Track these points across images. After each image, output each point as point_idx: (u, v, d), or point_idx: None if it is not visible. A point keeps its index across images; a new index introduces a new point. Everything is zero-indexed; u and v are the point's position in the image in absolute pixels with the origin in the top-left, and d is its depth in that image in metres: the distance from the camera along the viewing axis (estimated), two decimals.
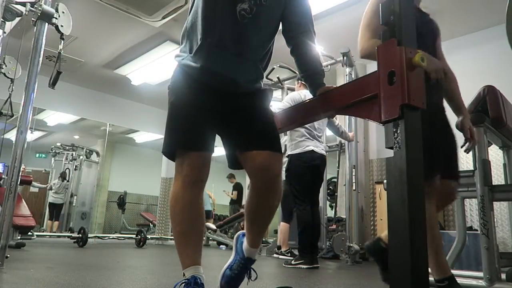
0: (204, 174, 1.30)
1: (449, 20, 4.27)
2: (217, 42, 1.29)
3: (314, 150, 3.31)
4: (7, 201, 2.18)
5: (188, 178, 1.26)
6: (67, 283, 1.73)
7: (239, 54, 1.32)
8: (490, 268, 1.69)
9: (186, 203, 1.25)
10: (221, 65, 1.32)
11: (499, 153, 2.51)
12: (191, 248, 1.24)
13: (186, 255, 1.23)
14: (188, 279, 1.18)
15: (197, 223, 1.28)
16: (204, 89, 1.33)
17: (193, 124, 1.30)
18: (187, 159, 1.26)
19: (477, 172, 1.81)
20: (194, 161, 1.27)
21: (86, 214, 7.41)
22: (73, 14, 2.61)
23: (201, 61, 1.30)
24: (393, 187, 0.89)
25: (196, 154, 1.27)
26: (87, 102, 6.90)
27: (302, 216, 3.23)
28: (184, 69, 1.36)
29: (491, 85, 1.98)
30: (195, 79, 1.33)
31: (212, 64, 1.31)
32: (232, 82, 1.35)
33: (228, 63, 1.32)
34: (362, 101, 1.05)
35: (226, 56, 1.31)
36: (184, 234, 1.25)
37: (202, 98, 1.32)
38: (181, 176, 1.26)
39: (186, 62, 1.34)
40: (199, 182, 1.28)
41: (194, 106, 1.31)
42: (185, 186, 1.25)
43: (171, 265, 3.03)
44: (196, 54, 1.31)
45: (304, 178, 3.29)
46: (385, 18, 0.96)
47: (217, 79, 1.33)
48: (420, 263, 0.83)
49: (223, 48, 1.30)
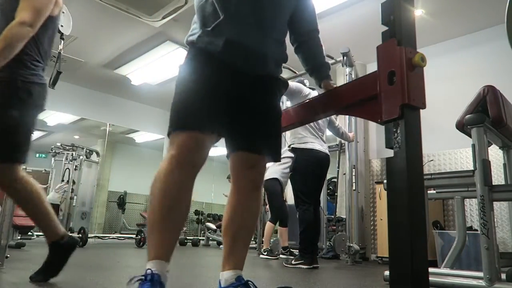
0: (196, 157, 1.13)
1: (449, 20, 4.27)
2: (239, 16, 1.20)
3: (319, 150, 3.30)
4: (7, 201, 2.17)
5: (177, 159, 1.10)
6: (67, 283, 1.73)
7: (263, 30, 1.25)
8: (490, 268, 1.69)
9: (169, 185, 1.08)
10: (247, 38, 1.22)
11: (499, 153, 2.51)
12: (162, 239, 1.07)
13: (153, 245, 1.06)
14: (144, 275, 1.01)
15: (176, 213, 1.10)
16: (223, 68, 1.22)
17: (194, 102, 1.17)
18: (177, 139, 1.12)
19: (477, 172, 1.81)
20: (184, 141, 1.12)
21: (86, 214, 7.40)
22: (73, 14, 2.60)
23: (223, 34, 1.20)
24: (393, 187, 0.89)
25: (188, 133, 1.12)
26: (87, 102, 6.90)
27: (305, 216, 3.23)
28: (201, 47, 1.23)
29: (491, 85, 1.98)
30: (214, 57, 1.21)
31: (238, 37, 1.21)
32: (261, 57, 1.26)
33: (255, 36, 1.23)
34: (362, 101, 1.05)
35: (251, 30, 1.23)
36: (158, 222, 1.07)
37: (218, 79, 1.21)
38: (169, 157, 1.11)
39: (204, 39, 1.22)
40: (188, 165, 1.11)
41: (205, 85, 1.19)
42: (171, 167, 1.09)
43: (171, 265, 3.03)
44: (216, 28, 1.20)
45: (309, 179, 3.28)
46: (385, 18, 0.96)
47: (243, 54, 1.23)
48: (420, 262, 0.83)
49: (246, 23, 1.21)
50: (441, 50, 4.56)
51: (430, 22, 4.22)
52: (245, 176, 1.30)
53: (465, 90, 2.96)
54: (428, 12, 4.12)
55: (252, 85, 1.28)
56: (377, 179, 4.73)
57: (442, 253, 3.25)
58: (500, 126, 1.94)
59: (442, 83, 4.33)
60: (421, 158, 0.93)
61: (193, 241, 6.58)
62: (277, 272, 2.83)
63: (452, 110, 2.36)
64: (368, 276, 2.81)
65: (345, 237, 3.86)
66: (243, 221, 1.29)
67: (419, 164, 0.89)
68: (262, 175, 1.34)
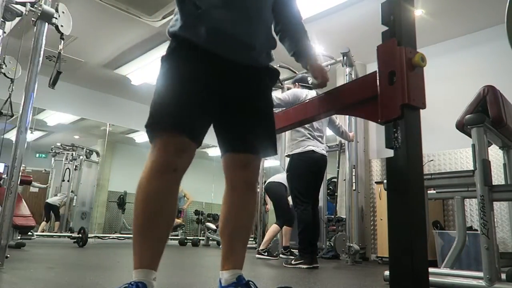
0: (178, 162, 1.07)
1: (449, 20, 4.27)
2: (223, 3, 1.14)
3: (314, 150, 3.30)
4: (7, 201, 2.18)
5: (156, 164, 1.06)
6: (67, 283, 1.73)
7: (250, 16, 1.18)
8: (490, 268, 1.69)
9: (150, 193, 1.05)
10: (232, 25, 1.15)
11: (499, 153, 2.51)
12: (147, 247, 1.04)
13: (138, 254, 1.04)
14: (130, 284, 0.99)
15: (161, 220, 1.07)
16: (208, 60, 1.14)
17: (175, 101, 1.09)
18: (158, 142, 1.07)
19: (477, 172, 1.81)
20: (166, 145, 1.07)
21: (86, 214, 7.40)
22: (73, 14, 2.61)
23: (207, 23, 1.12)
24: (393, 187, 0.89)
25: (170, 135, 1.07)
26: (87, 102, 6.90)
27: (303, 216, 3.23)
28: (184, 38, 1.15)
29: (491, 85, 1.98)
30: (197, 48, 1.13)
31: (222, 24, 1.13)
32: (246, 46, 1.18)
33: (240, 23, 1.16)
34: (362, 101, 1.05)
35: (236, 15, 1.15)
36: (142, 230, 1.05)
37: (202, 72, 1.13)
38: (149, 161, 1.07)
39: (186, 29, 1.15)
40: (170, 171, 1.06)
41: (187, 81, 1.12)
42: (152, 174, 1.06)
43: (171, 265, 3.03)
44: (199, 17, 1.13)
45: (306, 178, 3.28)
46: (385, 18, 0.96)
47: (227, 43, 1.15)
48: (420, 262, 0.83)
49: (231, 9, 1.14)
50: (441, 50, 4.56)
51: (430, 22, 4.22)
52: (239, 176, 1.27)
53: (465, 90, 2.95)
54: (428, 12, 4.12)
55: (241, 77, 1.21)
56: (377, 179, 4.73)
57: (442, 253, 3.25)
58: (500, 126, 1.94)
59: (442, 83, 4.33)
60: (421, 158, 0.93)
61: (193, 241, 6.57)
62: (277, 272, 2.83)
63: (452, 110, 2.35)
64: (368, 276, 2.81)
65: (345, 237, 3.86)
66: (239, 221, 1.28)
67: (419, 164, 0.89)
68: (256, 174, 1.32)
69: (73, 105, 6.74)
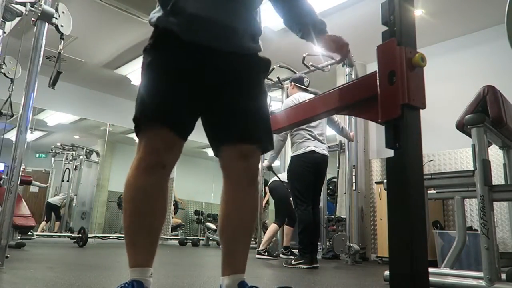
0: (165, 158, 1.06)
1: (449, 20, 4.27)
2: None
3: (315, 151, 3.31)
4: (7, 201, 2.18)
5: (143, 161, 1.05)
6: (67, 283, 1.73)
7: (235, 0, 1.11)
8: (490, 268, 1.69)
9: (138, 191, 1.04)
10: (213, 9, 1.08)
11: (499, 153, 2.51)
12: (140, 247, 1.05)
13: (132, 253, 1.04)
14: (126, 284, 1.00)
15: (151, 218, 1.06)
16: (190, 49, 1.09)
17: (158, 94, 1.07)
18: (145, 139, 1.06)
19: (477, 172, 1.81)
20: (152, 142, 1.06)
21: (86, 214, 7.40)
22: (73, 14, 2.60)
23: (186, 11, 1.07)
24: (393, 187, 0.89)
25: (156, 131, 1.05)
26: (87, 102, 6.90)
27: (303, 216, 3.23)
28: (164, 27, 1.11)
29: (491, 85, 1.98)
30: (178, 38, 1.08)
31: (203, 10, 1.07)
32: (229, 30, 1.11)
33: (223, 8, 1.10)
34: (362, 101, 1.05)
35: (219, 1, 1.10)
36: (133, 229, 1.05)
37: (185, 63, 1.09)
38: (136, 159, 1.06)
39: (165, 19, 1.10)
40: (157, 167, 1.05)
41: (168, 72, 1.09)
42: (139, 172, 1.05)
43: (171, 265, 3.03)
44: (177, 5, 1.08)
45: (306, 178, 3.29)
46: (385, 18, 0.96)
47: (208, 29, 1.09)
48: (420, 262, 0.83)
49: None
50: (441, 50, 4.56)
51: (430, 22, 4.22)
52: (239, 168, 1.14)
53: (465, 90, 2.95)
54: (428, 12, 4.12)
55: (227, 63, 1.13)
56: (377, 179, 4.73)
57: (442, 253, 3.25)
58: (500, 126, 1.94)
59: (442, 83, 4.33)
60: (421, 158, 0.93)
61: (193, 241, 6.57)
62: (277, 272, 2.83)
63: (452, 110, 2.35)
64: (368, 276, 2.81)
65: (345, 237, 3.86)
66: (240, 220, 1.15)
67: (419, 164, 0.89)
68: (257, 167, 1.18)
69: (73, 105, 6.73)
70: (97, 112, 7.07)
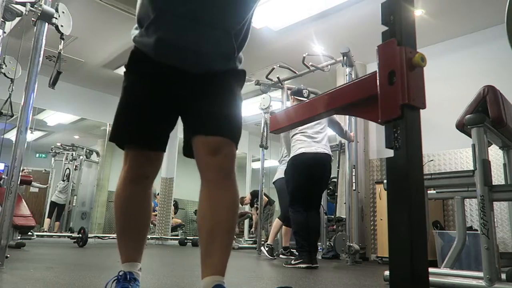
0: (149, 170, 1.21)
1: (449, 20, 4.28)
2: (175, 9, 1.07)
3: (304, 152, 3.30)
4: (7, 201, 2.18)
5: (129, 174, 1.19)
6: (67, 283, 1.73)
7: (206, 21, 1.10)
8: (490, 268, 1.69)
9: (125, 200, 1.21)
10: (182, 35, 1.10)
11: (499, 153, 2.51)
12: (130, 245, 1.24)
13: (123, 251, 1.23)
14: (119, 275, 1.19)
15: (137, 221, 1.24)
16: (160, 72, 1.15)
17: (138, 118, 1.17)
18: (130, 155, 1.19)
19: (477, 172, 1.81)
20: (136, 158, 1.19)
21: (86, 214, 7.41)
22: (73, 14, 2.61)
23: (156, 34, 1.10)
24: (393, 187, 0.89)
25: (139, 151, 1.18)
26: (87, 102, 6.90)
27: (294, 217, 3.27)
28: (138, 47, 1.18)
29: (491, 85, 1.98)
30: (149, 59, 1.14)
31: (170, 35, 1.10)
32: (197, 55, 1.13)
33: (192, 32, 1.10)
34: (362, 101, 1.05)
35: (189, 24, 1.09)
36: (123, 231, 1.24)
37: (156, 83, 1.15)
38: (123, 171, 1.20)
39: (138, 39, 1.16)
40: (141, 179, 1.21)
41: (144, 95, 1.16)
42: (126, 183, 1.20)
43: (171, 265, 3.03)
44: (150, 27, 1.11)
45: (297, 181, 3.31)
46: (385, 18, 0.96)
47: (177, 54, 1.12)
48: (420, 262, 0.83)
49: (183, 16, 1.08)
50: (441, 50, 4.56)
51: (430, 22, 4.23)
52: (211, 164, 1.11)
53: (465, 90, 2.96)
54: (428, 12, 4.12)
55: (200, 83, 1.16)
56: (377, 179, 4.73)
57: (442, 253, 3.25)
58: (500, 126, 1.94)
59: (442, 83, 4.33)
60: (421, 158, 0.93)
61: (193, 241, 6.57)
62: (277, 272, 2.83)
63: (452, 110, 2.36)
64: (368, 276, 2.81)
65: (345, 237, 3.86)
66: (217, 216, 1.10)
67: (419, 164, 0.89)
68: (231, 160, 1.14)
69: (73, 105, 6.74)
70: (97, 112, 7.07)
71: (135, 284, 1.19)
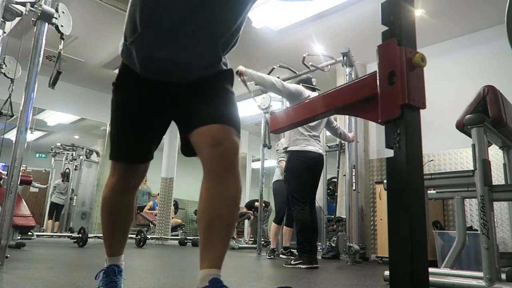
0: (135, 182, 1.33)
1: (449, 20, 4.28)
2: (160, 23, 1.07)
3: (312, 150, 3.32)
4: (7, 201, 2.18)
5: (116, 186, 1.29)
6: (67, 283, 1.73)
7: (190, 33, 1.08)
8: (490, 268, 1.69)
9: (112, 208, 1.32)
10: (165, 50, 1.10)
11: (499, 153, 2.51)
12: (115, 243, 1.36)
13: (109, 248, 1.35)
14: (107, 268, 1.31)
15: (121, 223, 1.36)
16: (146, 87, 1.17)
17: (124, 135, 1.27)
18: (117, 169, 1.28)
19: (477, 172, 1.81)
20: (125, 172, 1.28)
21: (86, 214, 7.41)
22: (73, 14, 2.61)
23: (141, 49, 1.11)
24: (393, 187, 0.89)
25: (126, 165, 1.28)
26: (87, 102, 6.90)
27: (300, 216, 3.24)
28: (124, 63, 1.20)
29: (491, 85, 1.98)
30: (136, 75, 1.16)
31: (154, 50, 1.10)
32: (182, 69, 1.14)
33: (175, 46, 1.10)
34: (362, 101, 1.05)
35: (172, 38, 1.09)
36: (109, 232, 1.35)
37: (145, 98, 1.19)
38: (111, 182, 1.29)
39: (125, 53, 1.17)
40: (127, 190, 1.33)
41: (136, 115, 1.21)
42: (113, 193, 1.30)
43: (171, 265, 3.03)
44: (134, 43, 1.11)
45: (303, 178, 3.30)
46: (385, 18, 0.96)
47: (162, 69, 1.14)
48: (420, 262, 0.83)
49: (166, 29, 1.07)
50: (441, 50, 4.56)
51: (430, 22, 4.23)
52: (214, 153, 1.07)
53: (465, 90, 2.96)
54: (428, 12, 4.12)
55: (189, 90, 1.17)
56: (377, 179, 4.73)
57: (442, 253, 3.25)
58: (500, 126, 1.94)
59: (442, 83, 4.33)
60: (421, 158, 0.92)
61: (193, 241, 6.57)
62: (277, 272, 2.83)
63: (452, 110, 2.36)
64: (368, 276, 2.81)
65: (346, 237, 3.86)
66: (216, 209, 1.07)
67: (419, 164, 0.89)
68: (234, 150, 1.09)
69: (73, 105, 6.74)
70: (97, 112, 7.07)
71: (121, 276, 1.33)
